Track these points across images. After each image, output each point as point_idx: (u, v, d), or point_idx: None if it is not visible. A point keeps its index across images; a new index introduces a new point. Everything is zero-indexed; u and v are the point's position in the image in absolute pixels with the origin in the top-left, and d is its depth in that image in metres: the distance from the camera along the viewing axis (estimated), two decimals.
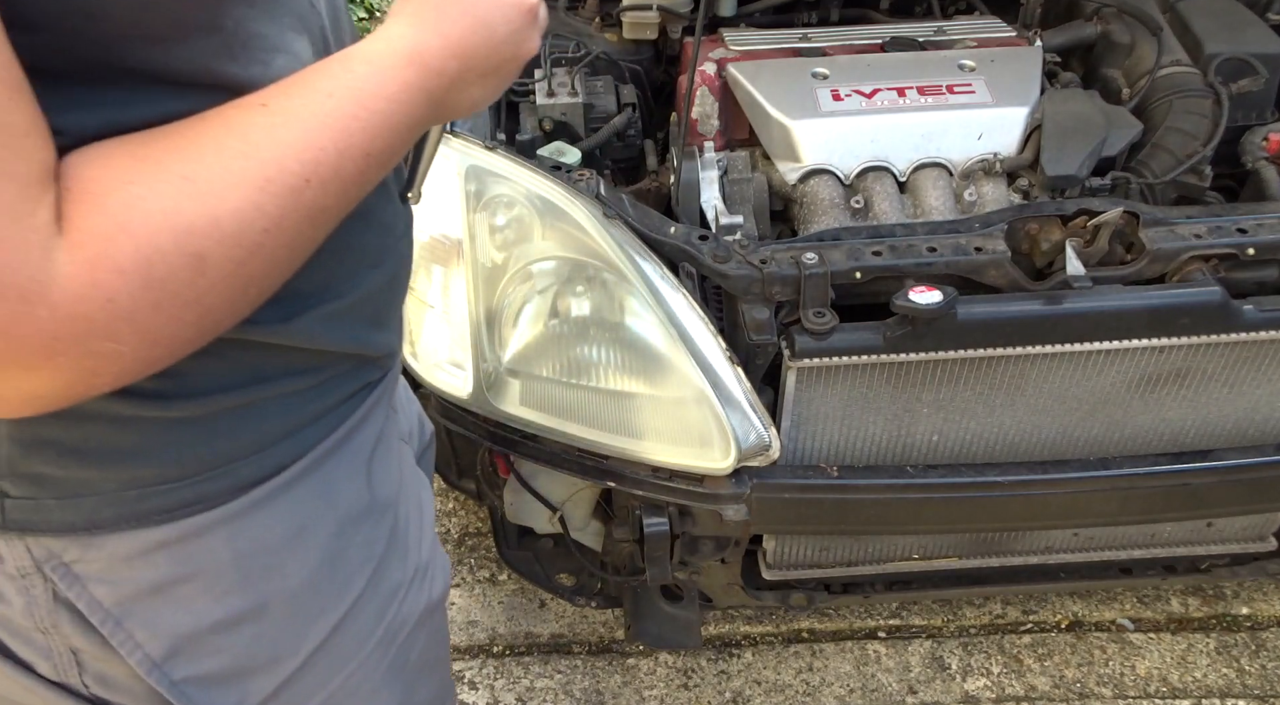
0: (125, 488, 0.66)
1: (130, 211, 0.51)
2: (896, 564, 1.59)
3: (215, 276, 0.55)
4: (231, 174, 0.55)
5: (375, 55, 0.63)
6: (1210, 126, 1.50)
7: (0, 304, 0.47)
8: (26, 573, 0.67)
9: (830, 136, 1.50)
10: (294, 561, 0.75)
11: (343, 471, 0.77)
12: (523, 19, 0.69)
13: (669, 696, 1.85)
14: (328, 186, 0.59)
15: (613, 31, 1.78)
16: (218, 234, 0.54)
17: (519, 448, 1.38)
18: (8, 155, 0.47)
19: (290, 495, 0.73)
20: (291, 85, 0.60)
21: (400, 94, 0.62)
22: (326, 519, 0.76)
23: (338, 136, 0.59)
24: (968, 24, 1.76)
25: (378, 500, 0.81)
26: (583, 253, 1.28)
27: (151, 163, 0.53)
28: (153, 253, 0.51)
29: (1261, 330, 1.28)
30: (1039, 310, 1.26)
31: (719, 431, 1.26)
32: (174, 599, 0.71)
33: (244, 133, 0.56)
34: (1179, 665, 1.89)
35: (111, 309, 0.51)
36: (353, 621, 0.80)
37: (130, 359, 0.53)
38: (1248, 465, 1.38)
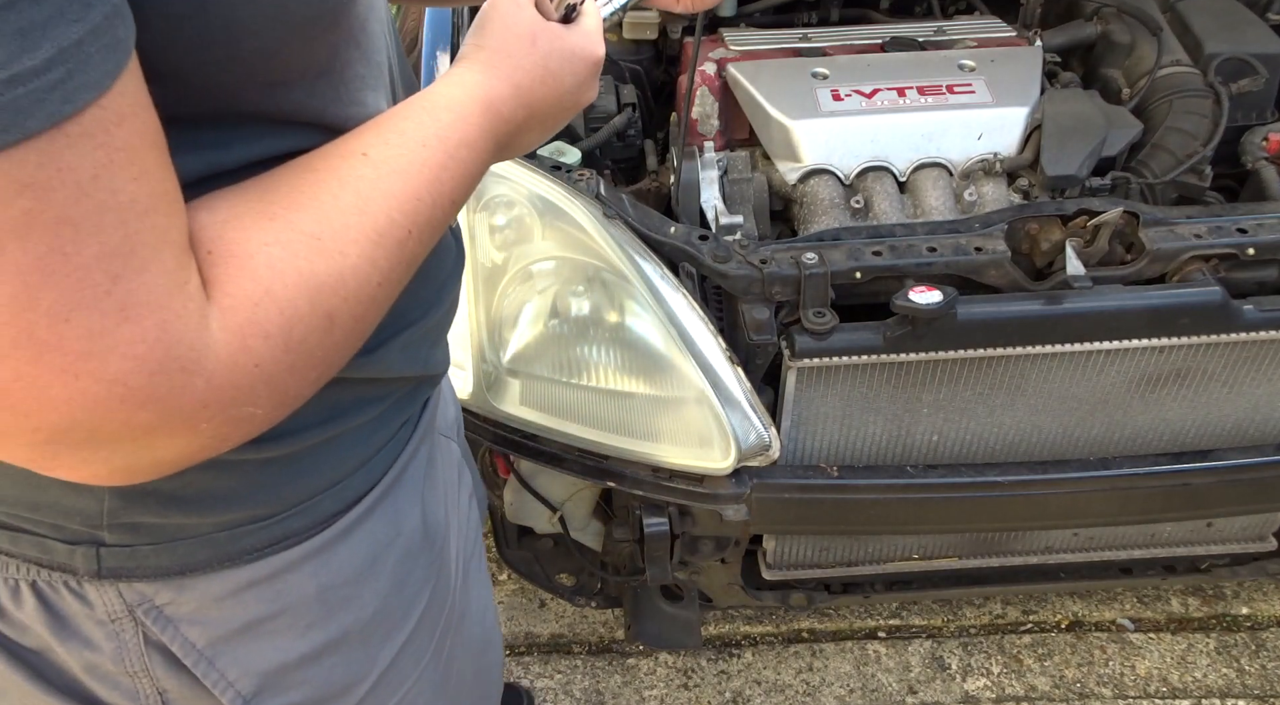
0: (218, 529, 0.66)
1: (273, 274, 0.51)
2: (896, 564, 1.59)
3: (340, 334, 0.55)
4: (350, 230, 0.55)
5: (456, 103, 0.63)
6: (1210, 126, 1.50)
7: (162, 376, 0.46)
8: (117, 617, 0.67)
9: (830, 136, 1.50)
10: (368, 590, 0.76)
11: (405, 497, 0.78)
12: (588, 70, 0.72)
13: (669, 696, 1.85)
14: (423, 235, 0.60)
15: (613, 31, 1.78)
16: (344, 291, 0.54)
17: (519, 448, 1.38)
18: (166, 223, 0.47)
19: (365, 526, 0.74)
20: (385, 132, 0.60)
21: (478, 140, 0.64)
22: (395, 545, 0.77)
23: (431, 186, 0.60)
24: (968, 24, 1.76)
25: (433, 519, 0.82)
26: (583, 253, 1.28)
27: (282, 222, 0.53)
28: (293, 315, 0.52)
29: (1261, 330, 1.28)
30: (1039, 310, 1.26)
31: (719, 431, 1.26)
32: (263, 636, 0.71)
33: (355, 186, 0.56)
34: (1179, 665, 1.89)
35: (256, 374, 0.51)
36: (413, 641, 0.82)
37: (262, 420, 0.54)
38: (1248, 465, 1.38)
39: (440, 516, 0.84)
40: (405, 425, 0.77)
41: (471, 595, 0.92)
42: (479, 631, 0.95)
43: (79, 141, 0.42)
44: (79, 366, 0.44)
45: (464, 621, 0.90)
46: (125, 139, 0.44)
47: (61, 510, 0.63)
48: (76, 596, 0.66)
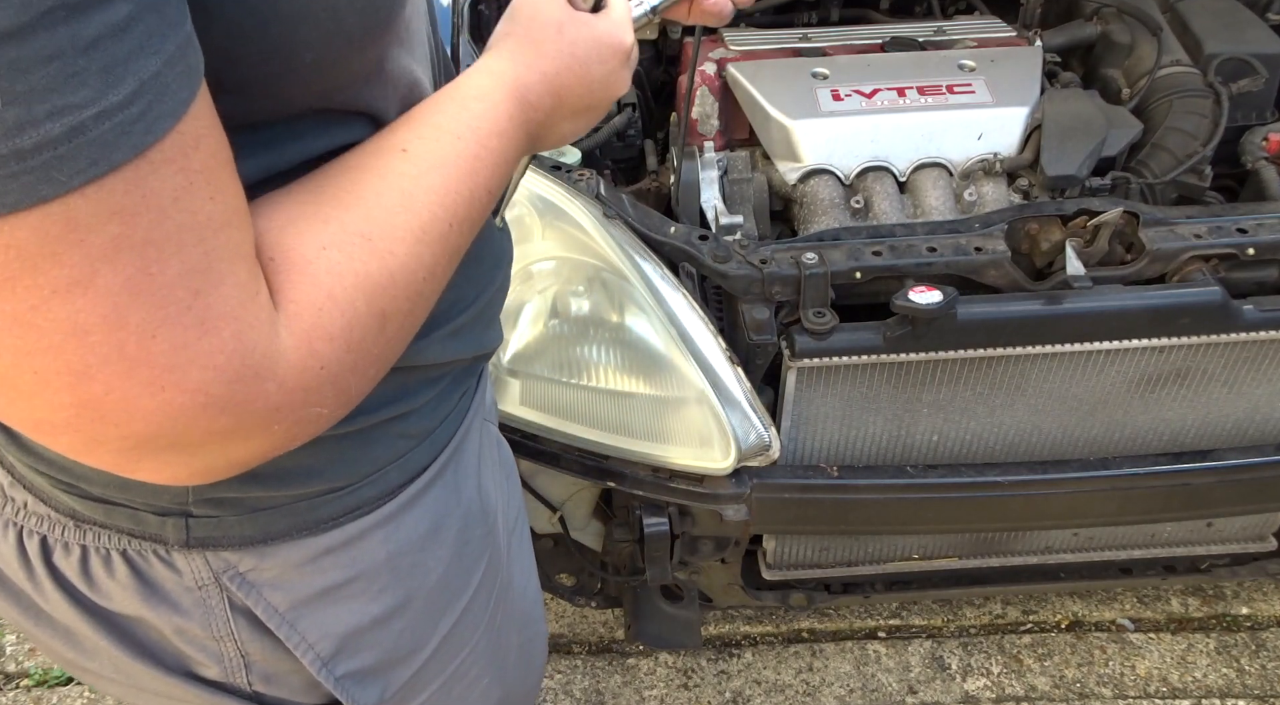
0: (296, 500, 0.70)
1: (333, 278, 0.53)
2: (896, 564, 1.59)
3: (393, 330, 0.57)
4: (397, 228, 0.57)
5: (485, 92, 0.65)
6: (1210, 126, 1.50)
7: (239, 384, 0.49)
8: (204, 584, 0.71)
9: (830, 136, 1.50)
10: (432, 557, 0.79)
11: (464, 467, 0.82)
12: (617, 59, 0.73)
13: (669, 696, 1.85)
14: (463, 227, 0.61)
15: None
16: (394, 289, 0.56)
17: (519, 448, 1.38)
18: (240, 236, 0.49)
19: (429, 494, 0.77)
20: (420, 126, 0.61)
21: (508, 129, 0.65)
22: (455, 513, 0.80)
23: (468, 177, 0.61)
24: (968, 24, 1.76)
25: (486, 490, 0.86)
26: (583, 253, 1.28)
27: (336, 225, 0.55)
28: (353, 317, 0.54)
29: (1261, 330, 1.28)
30: (1039, 310, 1.26)
31: (719, 431, 1.26)
32: (339, 600, 0.75)
33: (397, 183, 0.58)
34: (1179, 665, 1.89)
35: (323, 376, 0.53)
36: (470, 610, 0.85)
37: (327, 419, 0.56)
38: (1248, 465, 1.38)
39: (490, 489, 0.87)
40: (464, 397, 0.81)
41: (515, 568, 0.95)
42: (523, 604, 0.99)
43: (161, 167, 0.44)
44: (165, 379, 0.47)
45: (509, 593, 0.93)
46: (202, 161, 0.46)
47: (151, 489, 0.66)
48: (166, 564, 0.70)
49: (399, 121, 0.62)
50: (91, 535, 0.69)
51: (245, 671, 0.76)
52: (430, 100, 0.64)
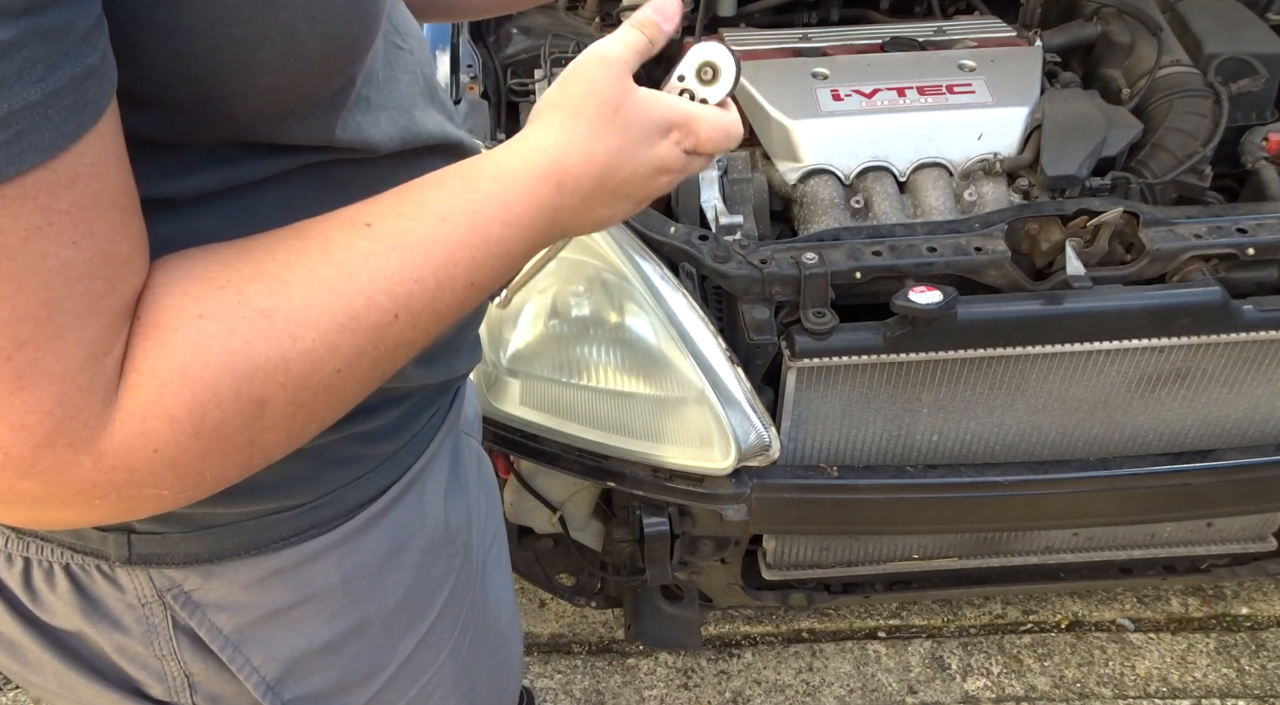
0: (246, 518, 0.67)
1: (194, 352, 0.48)
2: (896, 564, 1.59)
3: (272, 420, 0.52)
4: (314, 309, 0.51)
5: (507, 172, 0.59)
6: (1210, 126, 1.50)
7: (47, 450, 0.45)
8: (147, 601, 0.68)
9: (830, 136, 1.50)
10: (391, 580, 0.76)
11: (430, 488, 0.78)
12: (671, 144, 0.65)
13: (669, 696, 1.85)
14: (418, 320, 0.55)
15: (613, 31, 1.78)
16: (283, 377, 0.51)
17: (519, 448, 1.38)
18: (103, 288, 0.45)
19: (390, 516, 0.74)
20: (404, 201, 0.56)
21: (523, 217, 0.59)
22: (419, 536, 0.77)
23: (441, 266, 0.55)
24: (968, 24, 1.76)
25: (457, 511, 0.82)
26: (583, 253, 1.28)
27: (232, 292, 0.50)
28: (209, 400, 0.48)
29: (1261, 330, 1.28)
30: (1039, 310, 1.26)
31: (719, 431, 1.26)
32: (288, 623, 0.72)
33: (339, 260, 0.52)
34: (1179, 665, 1.89)
35: (156, 459, 0.48)
36: (434, 631, 0.82)
37: (170, 500, 0.51)
38: (1248, 465, 1.38)
39: (463, 510, 0.84)
40: (434, 417, 0.77)
41: (490, 589, 0.92)
42: (497, 626, 0.96)
43: (14, 204, 0.40)
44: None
45: (483, 614, 0.91)
46: (73, 201, 0.42)
47: None
48: (108, 580, 0.67)
49: (388, 192, 0.57)
50: (35, 547, 0.66)
51: (189, 692, 0.73)
52: (438, 173, 0.59)
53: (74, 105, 0.41)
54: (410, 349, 0.57)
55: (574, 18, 1.83)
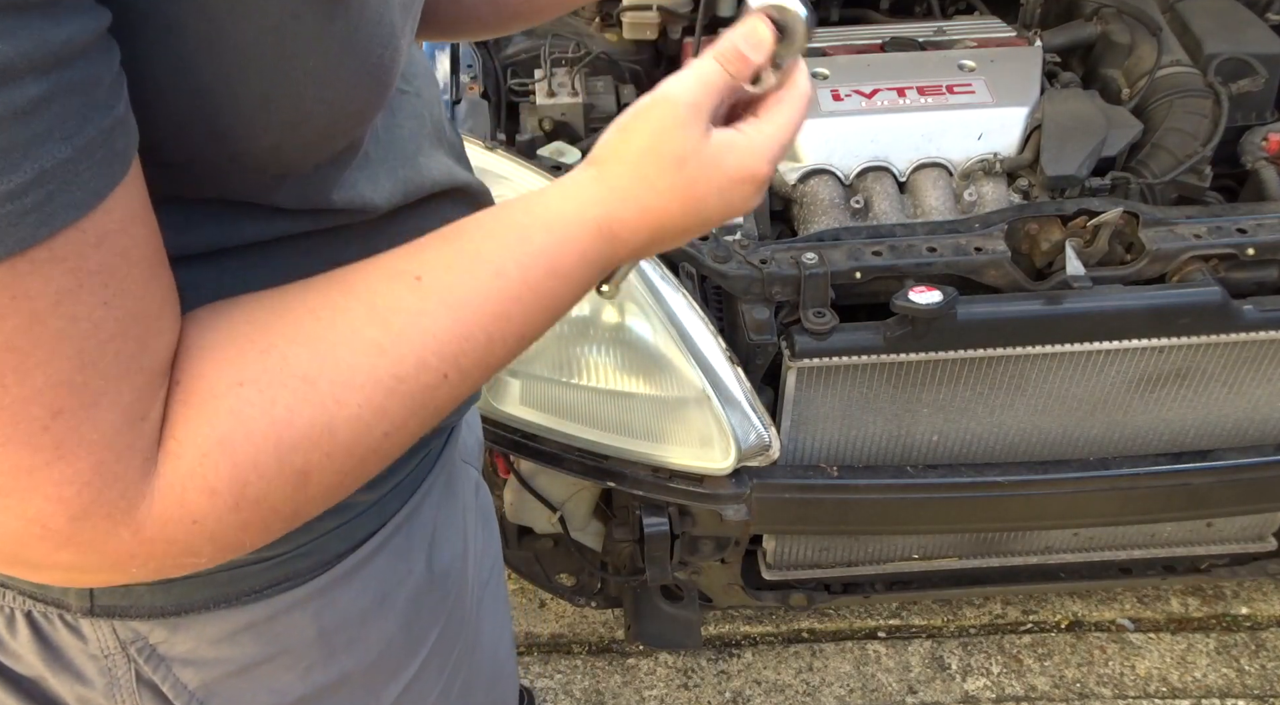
0: (219, 569, 0.62)
1: (235, 422, 0.46)
2: (896, 564, 1.59)
3: (316, 490, 0.49)
4: (360, 373, 0.48)
5: (559, 222, 0.56)
6: (1210, 126, 1.50)
7: (85, 522, 0.42)
8: (110, 653, 0.65)
9: (830, 136, 1.50)
10: (376, 632, 0.72)
11: (418, 533, 0.74)
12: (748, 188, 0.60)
13: (669, 696, 1.85)
14: (468, 376, 0.53)
15: (613, 31, 1.78)
16: (328, 445, 0.48)
17: (519, 448, 1.38)
18: (136, 348, 0.43)
19: (373, 564, 0.70)
20: (455, 250, 0.53)
21: (575, 269, 0.56)
22: (407, 583, 0.73)
23: (493, 322, 0.52)
24: (968, 24, 1.76)
25: (449, 552, 0.78)
26: None
27: (276, 357, 0.47)
28: (250, 471, 0.46)
29: (1261, 330, 1.28)
30: (1039, 310, 1.26)
31: (719, 431, 1.26)
32: (259, 678, 0.68)
33: (386, 318, 0.50)
34: (1179, 665, 1.89)
35: (194, 530, 0.46)
36: (420, 678, 0.78)
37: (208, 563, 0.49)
38: (1248, 465, 1.38)
39: (457, 545, 0.80)
40: (424, 459, 0.73)
41: (485, 625, 0.88)
42: (491, 664, 0.91)
43: (45, 267, 0.39)
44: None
45: (476, 653, 0.87)
46: (102, 260, 0.41)
47: None
48: (70, 630, 0.64)
49: (433, 237, 0.54)
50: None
51: None
52: (488, 216, 0.56)
53: (105, 159, 0.40)
54: (458, 402, 0.54)
55: (574, 17, 1.83)
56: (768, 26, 0.59)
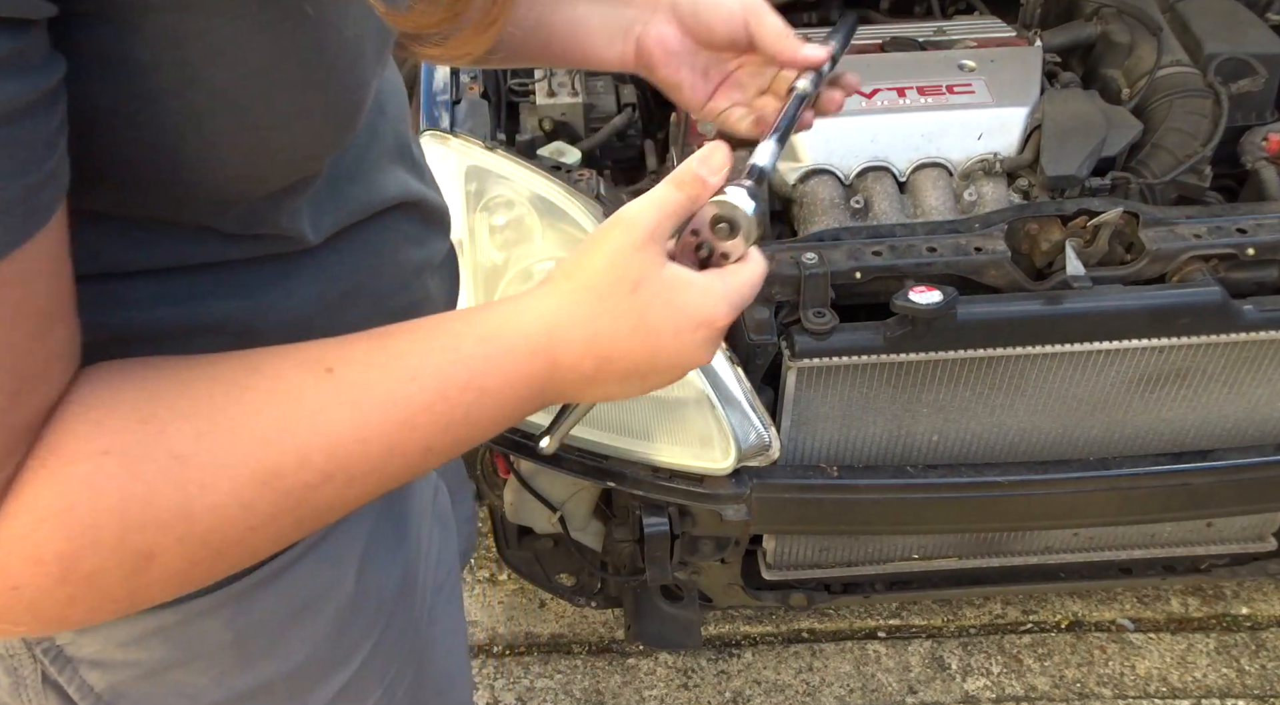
0: None
1: (86, 492, 0.44)
2: (896, 564, 1.59)
3: (159, 575, 0.47)
4: (235, 460, 0.46)
5: (496, 335, 0.54)
6: (1210, 126, 1.50)
7: None
8: (15, 653, 0.63)
9: (830, 136, 1.50)
10: (298, 638, 0.70)
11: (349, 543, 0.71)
12: (703, 333, 0.58)
13: (669, 696, 1.85)
14: (356, 482, 0.51)
15: None
16: (181, 530, 0.46)
17: (519, 448, 1.38)
18: (6, 404, 0.41)
19: (292, 574, 0.67)
20: (377, 351, 0.51)
21: (506, 388, 0.54)
22: (334, 593, 0.71)
23: (397, 429, 0.50)
24: (968, 24, 1.76)
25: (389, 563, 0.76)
26: None
27: (154, 427, 0.45)
28: (85, 546, 0.44)
29: (1261, 330, 1.28)
30: (1039, 310, 1.26)
31: (719, 431, 1.26)
32: (169, 682, 0.66)
33: (282, 407, 0.48)
34: (1179, 665, 1.89)
35: (13, 596, 0.44)
36: (355, 685, 0.77)
37: (28, 632, 0.48)
38: (1248, 465, 1.38)
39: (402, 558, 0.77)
40: None
41: (437, 631, 0.85)
42: (444, 670, 0.88)
43: None
44: None
45: (426, 660, 0.84)
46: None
47: None
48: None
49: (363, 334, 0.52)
50: None
51: None
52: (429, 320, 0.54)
53: (22, 214, 0.39)
54: (347, 507, 0.52)
55: None
56: (725, 150, 0.61)
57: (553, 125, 1.57)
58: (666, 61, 0.76)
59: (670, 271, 0.57)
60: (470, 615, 1.99)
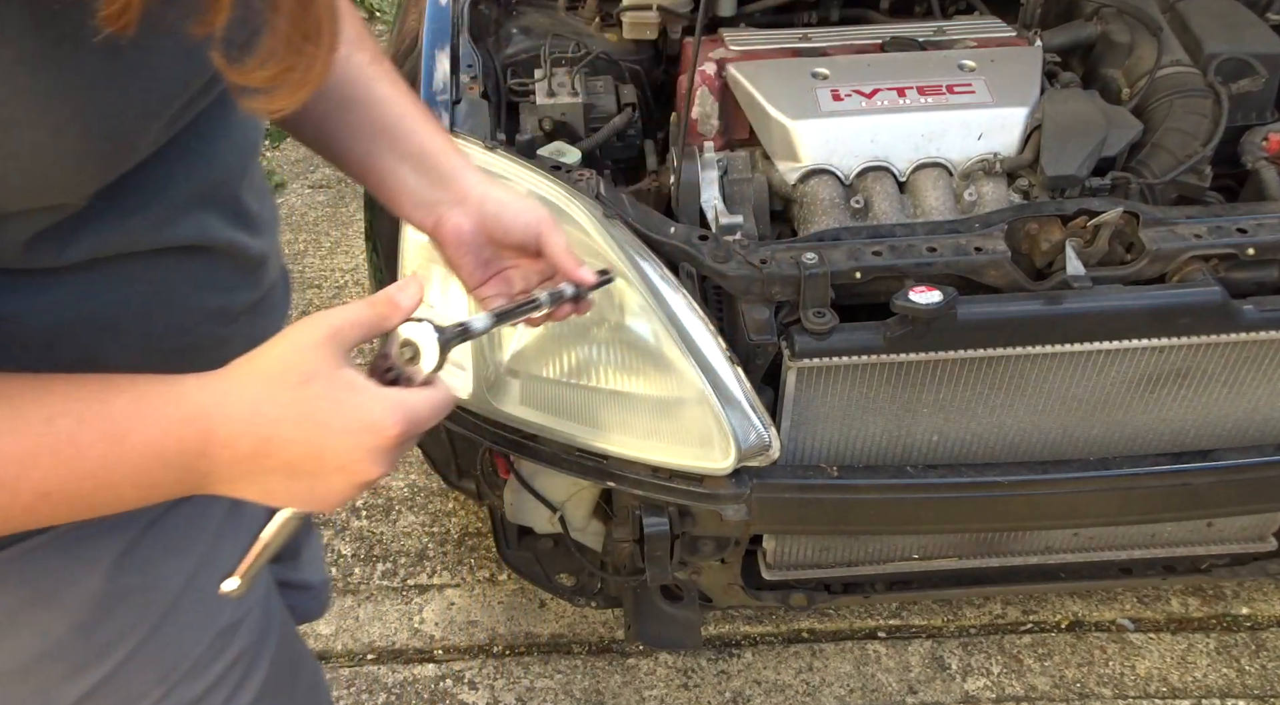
0: None
1: None
2: (896, 564, 1.59)
3: None
4: None
5: (153, 396, 0.56)
6: (1210, 126, 1.50)
7: None
8: None
9: (830, 136, 1.50)
10: (30, 629, 0.71)
11: (101, 538, 0.72)
12: (368, 442, 0.60)
13: (669, 696, 1.85)
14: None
15: (613, 31, 1.78)
16: None
17: (519, 448, 1.38)
18: None
19: (26, 565, 0.68)
20: (31, 387, 0.53)
21: (144, 449, 0.56)
22: (80, 586, 0.71)
23: (14, 464, 0.51)
24: (968, 24, 1.76)
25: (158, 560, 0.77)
26: (583, 253, 1.28)
27: None
28: None
29: (1261, 330, 1.28)
30: (1039, 310, 1.26)
31: (719, 431, 1.26)
32: None
33: None
34: (1179, 665, 1.89)
35: None
36: (121, 679, 0.77)
37: None
38: (1248, 465, 1.38)
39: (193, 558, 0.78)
40: None
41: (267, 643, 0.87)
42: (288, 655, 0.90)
43: None
44: None
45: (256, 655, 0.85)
46: None
47: None
48: None
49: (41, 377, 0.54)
50: None
51: None
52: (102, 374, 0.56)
53: None
54: None
55: (574, 18, 1.83)
56: (419, 283, 0.66)
57: (553, 125, 1.57)
58: (456, 248, 0.84)
59: (346, 374, 0.60)
60: (470, 615, 1.99)
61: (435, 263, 1.36)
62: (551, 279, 0.87)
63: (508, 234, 0.84)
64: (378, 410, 0.60)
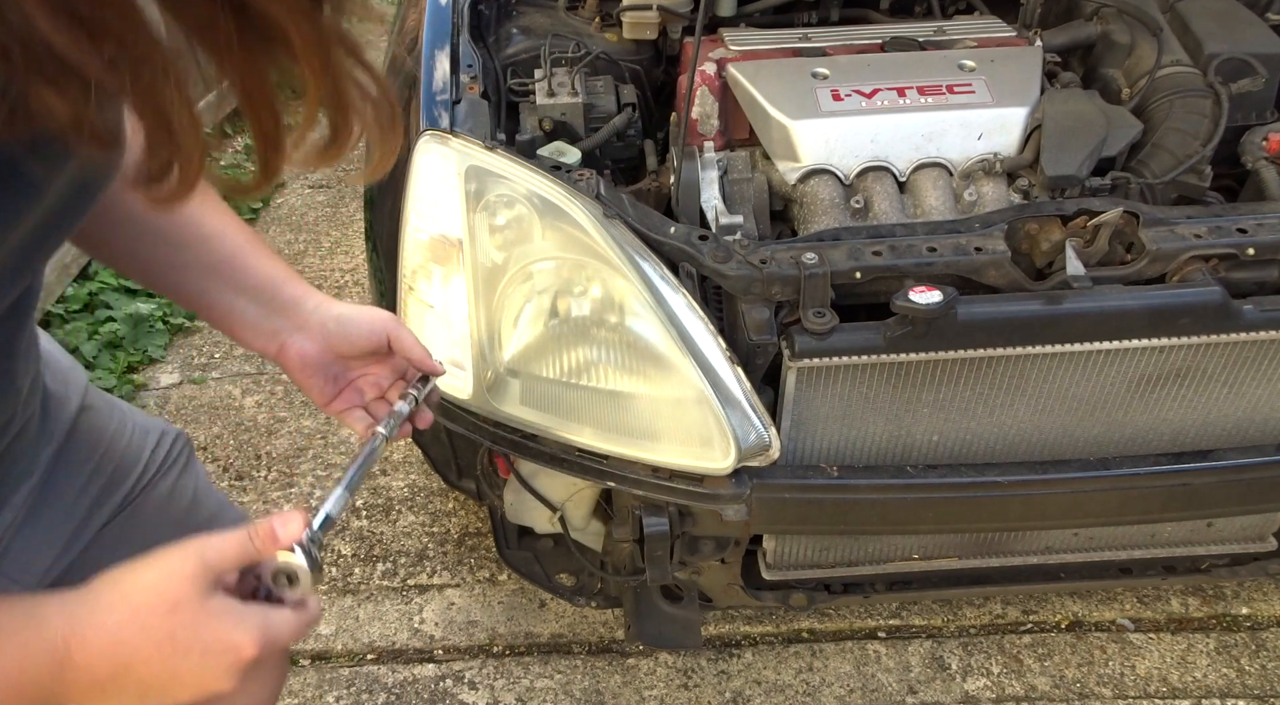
0: None
1: None
2: (896, 564, 1.59)
3: None
4: None
5: (20, 603, 0.59)
6: (1210, 126, 1.50)
7: None
8: None
9: (830, 136, 1.50)
10: None
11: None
12: (227, 659, 0.62)
13: (669, 696, 1.85)
14: None
15: (613, 31, 1.78)
16: None
17: (519, 448, 1.38)
18: None
19: None
20: None
21: (8, 665, 0.59)
22: None
23: None
24: (968, 24, 1.76)
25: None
26: (583, 253, 1.28)
27: None
28: None
29: (1261, 330, 1.28)
30: (1039, 310, 1.26)
31: (719, 431, 1.26)
32: None
33: None
34: (1179, 665, 1.89)
35: None
36: None
37: None
38: (1248, 465, 1.38)
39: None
40: None
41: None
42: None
43: None
44: None
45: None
46: None
47: None
48: None
49: None
50: None
51: None
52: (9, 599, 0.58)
53: None
54: None
55: (574, 18, 1.83)
56: (300, 519, 0.67)
57: (553, 125, 1.57)
58: (301, 371, 0.88)
59: (215, 602, 0.62)
60: (470, 615, 1.99)
61: (435, 262, 1.36)
62: (404, 377, 0.92)
63: (354, 345, 0.88)
64: (238, 634, 0.62)
